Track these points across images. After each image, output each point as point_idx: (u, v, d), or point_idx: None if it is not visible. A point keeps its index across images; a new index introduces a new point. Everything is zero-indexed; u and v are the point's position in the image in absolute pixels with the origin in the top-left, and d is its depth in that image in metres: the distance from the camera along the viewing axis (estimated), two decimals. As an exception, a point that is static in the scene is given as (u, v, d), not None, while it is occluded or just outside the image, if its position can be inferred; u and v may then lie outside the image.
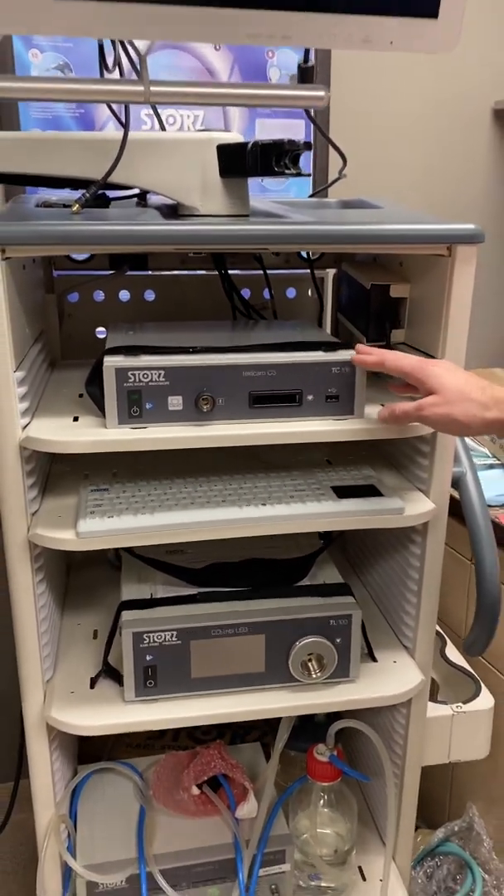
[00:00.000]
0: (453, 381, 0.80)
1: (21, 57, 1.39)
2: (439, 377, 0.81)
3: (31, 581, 0.90)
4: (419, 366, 0.83)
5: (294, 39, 0.77)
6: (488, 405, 0.78)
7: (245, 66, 1.48)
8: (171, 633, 0.92)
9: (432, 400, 0.81)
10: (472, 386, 0.80)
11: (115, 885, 1.02)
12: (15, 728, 1.56)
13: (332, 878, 1.11)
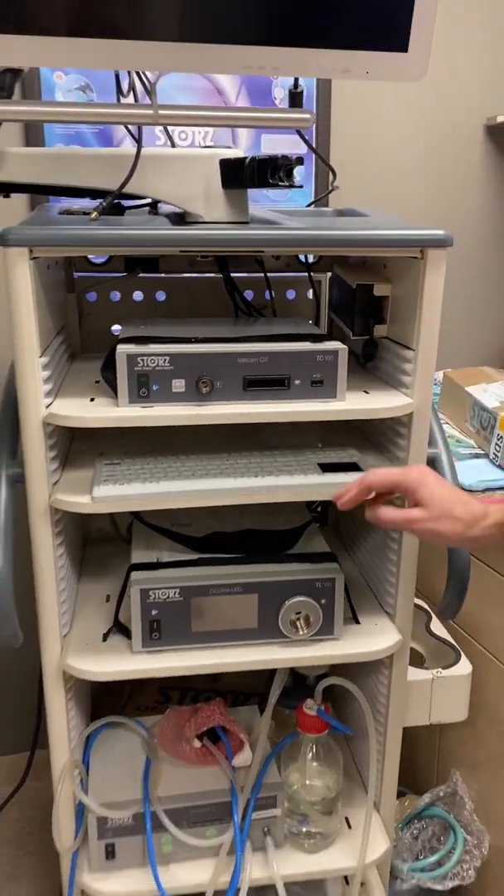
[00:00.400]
0: (439, 496, 0.88)
1: (47, 78, 1.52)
2: (430, 489, 0.88)
3: (51, 543, 1.02)
4: (403, 478, 0.90)
5: (283, 70, 0.89)
6: (470, 524, 0.86)
7: (251, 86, 1.61)
8: (174, 590, 1.04)
9: (419, 515, 0.88)
10: (456, 503, 0.87)
11: (122, 821, 1.14)
12: (32, 700, 1.69)
13: (320, 825, 1.21)
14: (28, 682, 1.85)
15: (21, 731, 1.88)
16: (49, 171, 1.08)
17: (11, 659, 1.83)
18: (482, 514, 0.87)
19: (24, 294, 0.92)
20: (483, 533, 0.87)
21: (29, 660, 1.79)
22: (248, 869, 1.15)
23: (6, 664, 1.84)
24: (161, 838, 1.15)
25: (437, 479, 0.91)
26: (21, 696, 1.87)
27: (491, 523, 0.87)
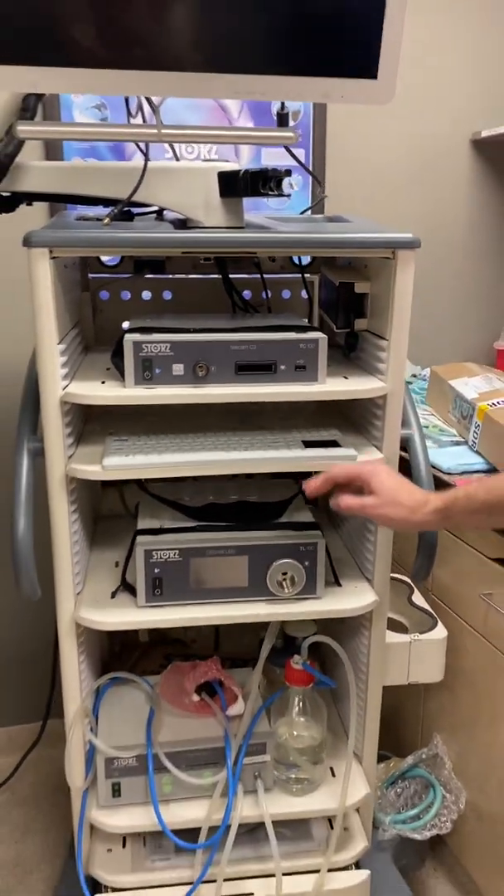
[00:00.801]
0: (389, 486, 1.03)
1: (65, 96, 1.67)
2: (378, 481, 1.04)
3: (66, 508, 1.16)
4: (357, 472, 1.06)
5: (269, 96, 1.03)
6: (414, 509, 1.02)
7: (252, 103, 1.75)
8: (174, 551, 1.17)
9: (372, 501, 1.04)
10: (403, 491, 1.03)
11: (127, 762, 1.27)
12: (45, 673, 1.82)
13: (306, 772, 1.34)
14: (41, 655, 1.98)
15: (33, 702, 2.02)
16: (68, 182, 1.22)
17: (24, 634, 1.97)
18: (424, 501, 1.02)
19: (44, 288, 1.07)
20: (424, 518, 1.02)
21: (41, 632, 1.93)
22: (240, 808, 1.28)
23: (20, 637, 1.98)
24: (162, 779, 1.29)
25: (388, 472, 1.07)
26: (34, 668, 2.00)
27: (431, 509, 1.02)
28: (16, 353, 1.79)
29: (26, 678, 2.02)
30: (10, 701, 2.03)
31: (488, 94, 1.93)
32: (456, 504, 1.00)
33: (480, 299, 2.07)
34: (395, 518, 1.04)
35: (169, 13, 0.94)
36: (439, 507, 1.01)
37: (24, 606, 1.95)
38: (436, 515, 1.02)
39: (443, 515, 1.02)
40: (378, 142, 1.89)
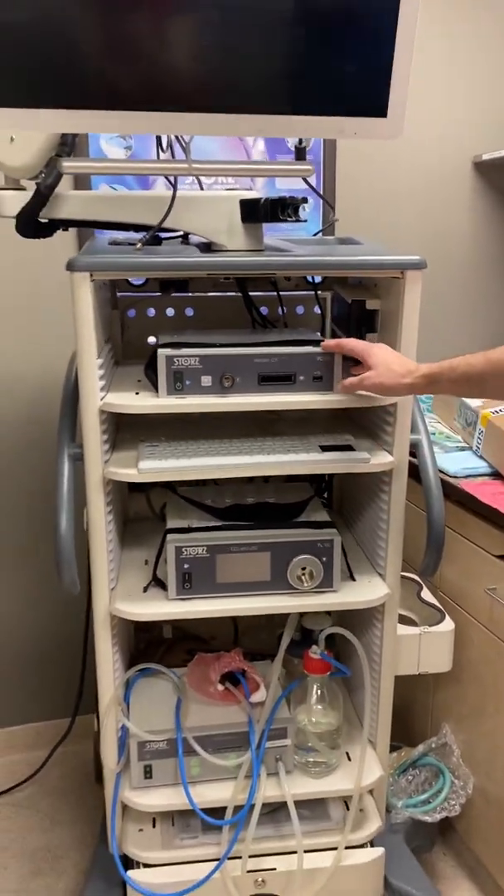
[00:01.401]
0: (383, 358, 1.17)
1: (92, 129, 1.79)
2: (375, 356, 1.18)
3: (103, 510, 1.27)
4: (362, 347, 1.21)
5: (288, 133, 1.14)
6: (404, 375, 1.15)
7: (267, 133, 1.86)
8: (202, 547, 1.28)
9: (369, 373, 1.17)
10: (395, 361, 1.16)
11: (158, 745, 1.37)
12: (73, 672, 1.92)
13: (324, 755, 1.44)
14: (67, 654, 2.08)
15: (58, 699, 2.11)
16: (102, 210, 1.34)
17: (50, 634, 2.07)
18: (415, 368, 1.16)
19: (86, 309, 1.18)
20: (414, 381, 1.15)
21: (67, 633, 2.04)
22: (263, 788, 1.37)
23: (46, 638, 2.08)
24: (190, 761, 1.38)
25: (382, 347, 1.21)
26: (60, 667, 2.10)
27: (420, 374, 1.14)
28: (36, 365, 1.91)
29: (52, 676, 2.12)
30: (38, 698, 2.12)
31: (489, 118, 2.04)
32: (441, 374, 1.12)
33: (483, 314, 2.18)
34: (389, 384, 1.16)
35: (201, 63, 1.06)
36: (426, 373, 1.14)
37: (50, 608, 2.05)
38: (423, 380, 1.14)
39: (429, 381, 1.14)
40: (384, 166, 2.01)
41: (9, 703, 2.10)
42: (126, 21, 1.02)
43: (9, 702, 2.10)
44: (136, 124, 1.09)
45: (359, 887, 1.41)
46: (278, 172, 1.25)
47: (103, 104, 1.08)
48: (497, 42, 2.00)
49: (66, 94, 1.06)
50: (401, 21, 1.08)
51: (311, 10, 1.06)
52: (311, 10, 1.06)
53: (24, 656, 2.08)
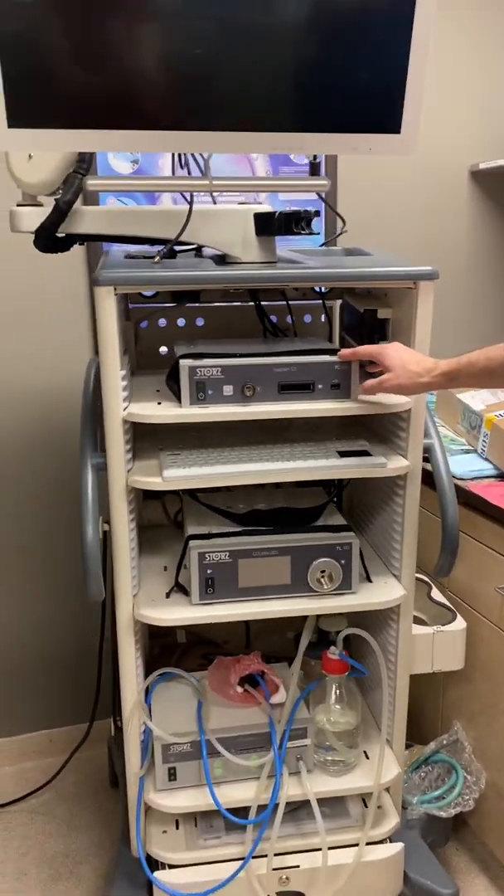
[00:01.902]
0: (399, 359, 1.20)
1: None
2: (391, 357, 1.21)
3: (126, 517, 1.30)
4: (377, 350, 1.24)
5: (307, 150, 1.18)
6: (422, 374, 1.18)
7: (270, 145, 1.90)
8: (224, 553, 1.31)
9: (387, 375, 1.21)
10: (411, 361, 1.20)
11: (182, 748, 1.39)
12: (88, 680, 1.94)
13: (343, 754, 1.47)
14: (79, 662, 2.11)
15: (70, 706, 2.14)
16: (119, 224, 1.37)
17: (63, 643, 2.09)
18: (433, 366, 1.18)
19: (110, 322, 1.21)
20: (432, 380, 1.18)
21: (80, 642, 2.06)
22: (286, 787, 1.40)
23: (59, 646, 2.10)
24: (214, 763, 1.41)
25: (396, 348, 1.23)
26: (73, 675, 2.12)
27: (439, 373, 1.18)
28: (39, 371, 1.93)
29: (64, 684, 2.14)
30: (49, 705, 2.14)
31: (485, 128, 2.09)
32: (459, 370, 1.16)
33: (482, 319, 2.23)
34: (408, 384, 1.19)
35: (218, 83, 1.09)
36: (446, 370, 1.17)
37: (59, 616, 2.07)
38: (442, 378, 1.18)
39: (448, 378, 1.18)
40: (384, 176, 2.05)
41: (21, 711, 2.12)
42: (144, 44, 1.05)
43: (21, 710, 2.12)
44: (162, 143, 1.12)
45: (380, 882, 1.45)
46: (295, 188, 1.29)
47: (137, 125, 1.11)
48: (494, 53, 2.06)
49: (107, 114, 1.09)
50: (414, 39, 1.12)
51: (327, 29, 1.10)
52: (326, 29, 1.09)
53: (34, 665, 2.10)
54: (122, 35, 1.04)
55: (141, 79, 1.08)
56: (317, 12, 1.08)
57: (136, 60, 1.07)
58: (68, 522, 2.02)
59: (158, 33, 1.06)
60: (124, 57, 1.06)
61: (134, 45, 1.06)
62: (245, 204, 1.39)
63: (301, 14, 1.08)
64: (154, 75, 1.08)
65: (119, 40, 1.05)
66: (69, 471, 1.99)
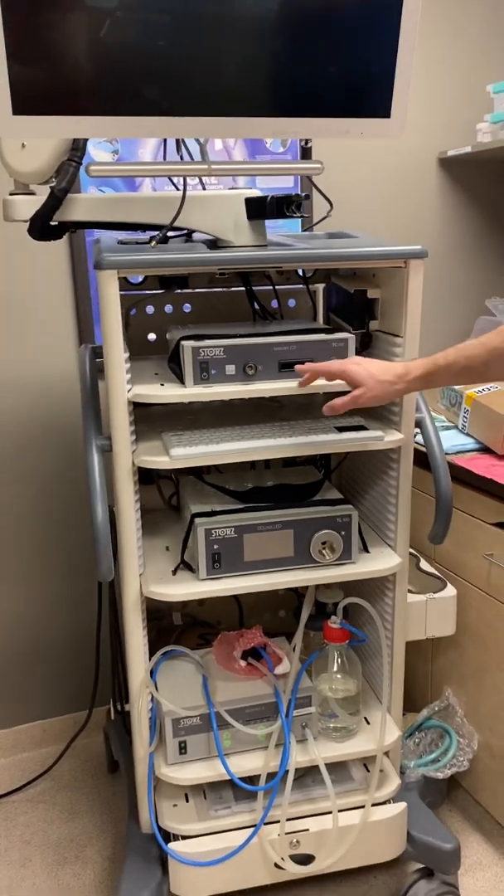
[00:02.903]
0: (366, 372, 1.19)
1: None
2: (357, 374, 1.19)
3: (132, 497, 1.32)
4: (340, 369, 1.21)
5: (301, 134, 1.22)
6: (394, 382, 1.19)
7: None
8: (230, 529, 1.34)
9: (359, 392, 1.19)
10: (379, 371, 1.19)
11: (192, 721, 1.43)
12: (74, 669, 1.97)
13: (346, 720, 1.52)
14: (70, 654, 2.12)
15: (64, 696, 2.15)
16: (113, 211, 1.39)
17: (56, 632, 2.10)
18: (404, 372, 1.19)
19: (113, 306, 1.23)
20: (408, 386, 1.19)
21: (71, 632, 2.08)
22: (294, 754, 1.45)
23: (52, 634, 2.11)
24: (223, 734, 1.45)
25: (358, 362, 1.21)
26: (65, 664, 2.14)
27: (413, 377, 1.19)
28: (28, 360, 1.94)
29: (57, 673, 2.15)
30: (42, 696, 2.15)
31: (453, 116, 2.16)
32: (436, 371, 1.18)
33: (451, 302, 2.30)
34: (383, 395, 1.19)
35: (214, 70, 1.13)
36: (420, 375, 1.19)
37: (50, 608, 2.08)
38: (419, 382, 1.19)
39: (425, 381, 1.19)
40: (356, 162, 2.10)
41: (14, 702, 2.13)
42: (139, 32, 1.08)
43: (14, 701, 2.13)
44: (161, 129, 1.15)
45: (385, 841, 1.50)
46: (290, 171, 1.33)
47: (135, 111, 1.14)
48: (462, 44, 2.12)
49: (106, 102, 1.12)
50: (403, 24, 1.17)
51: (319, 15, 1.14)
52: (318, 15, 1.14)
53: (27, 656, 2.11)
54: (116, 19, 1.07)
55: (139, 65, 1.11)
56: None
57: (134, 46, 1.10)
58: (62, 510, 2.03)
59: (153, 18, 1.08)
60: (121, 42, 1.09)
61: (131, 31, 1.09)
62: (235, 189, 1.42)
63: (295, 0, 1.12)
64: (152, 61, 1.11)
65: (114, 25, 1.07)
66: (62, 458, 2.00)
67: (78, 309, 1.93)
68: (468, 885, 1.65)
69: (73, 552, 2.07)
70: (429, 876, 1.55)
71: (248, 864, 1.43)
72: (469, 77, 2.15)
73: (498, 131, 2.00)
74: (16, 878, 1.72)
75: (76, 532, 2.06)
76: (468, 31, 2.13)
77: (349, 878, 1.68)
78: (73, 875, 1.73)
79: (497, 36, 2.16)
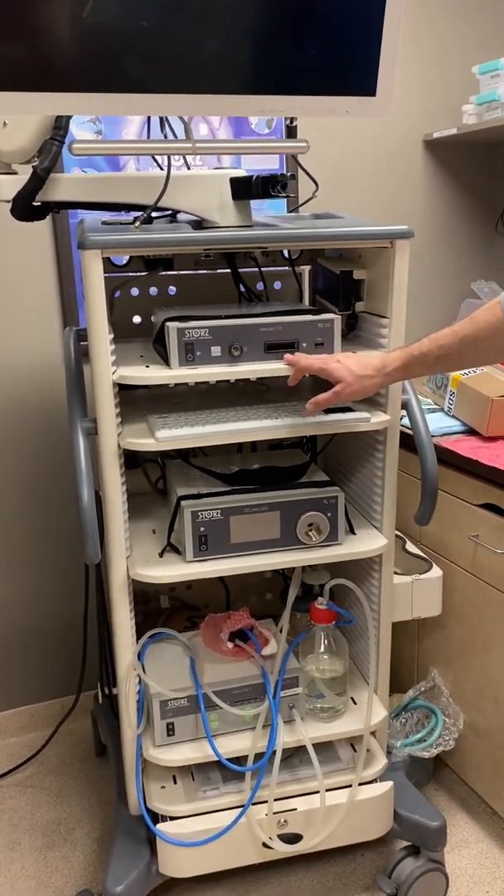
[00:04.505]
0: (346, 369, 1.22)
1: (61, 113, 1.81)
2: (338, 370, 1.23)
3: (119, 480, 1.32)
4: (324, 365, 1.24)
5: (287, 112, 1.20)
6: (373, 375, 1.23)
7: (231, 114, 1.92)
8: (216, 511, 1.34)
9: (339, 387, 1.23)
10: (358, 366, 1.23)
11: (179, 703, 1.43)
12: (60, 654, 1.96)
13: (333, 701, 1.53)
14: (60, 636, 2.12)
15: (49, 681, 2.15)
16: (97, 191, 1.37)
17: (41, 617, 2.10)
18: (381, 365, 1.23)
19: (98, 287, 1.22)
20: (385, 379, 1.24)
21: (56, 618, 2.07)
22: (281, 734, 1.46)
23: (37, 619, 2.10)
24: (210, 716, 1.45)
25: (338, 358, 1.25)
26: (51, 649, 2.13)
27: (391, 369, 1.23)
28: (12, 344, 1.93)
29: (43, 659, 2.14)
30: (28, 681, 2.15)
31: (438, 98, 2.15)
32: (413, 362, 1.21)
33: (437, 284, 2.30)
34: (362, 389, 1.23)
35: (205, 52, 1.11)
36: (398, 366, 1.23)
37: (34, 593, 2.08)
38: (396, 373, 1.24)
39: (402, 373, 1.24)
40: (341, 144, 2.09)
41: (1, 688, 2.12)
42: (123, 10, 1.06)
43: (1, 687, 2.12)
44: (146, 106, 1.13)
45: (373, 819, 1.52)
46: (276, 150, 1.32)
47: (119, 88, 1.12)
48: (447, 26, 2.11)
49: (87, 78, 1.10)
50: (388, 4, 1.15)
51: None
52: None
53: (13, 641, 2.10)
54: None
55: (123, 43, 1.09)
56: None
57: (117, 24, 1.08)
58: (48, 494, 2.02)
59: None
60: (104, 21, 1.07)
61: (114, 9, 1.07)
62: (220, 168, 1.41)
63: (280, -23, 1.10)
64: (135, 39, 1.10)
65: (97, 3, 1.06)
66: (48, 441, 1.99)
67: (62, 291, 1.91)
68: (454, 862, 1.67)
69: (59, 536, 2.06)
70: (415, 854, 1.57)
71: (237, 843, 1.44)
72: (454, 58, 2.14)
73: (483, 113, 2.00)
74: (4, 861, 1.73)
75: (62, 516, 2.05)
76: (454, 13, 2.11)
77: (337, 856, 1.70)
78: (61, 857, 1.74)
79: (483, 17, 2.15)
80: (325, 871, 1.67)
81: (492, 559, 1.59)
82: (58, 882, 1.67)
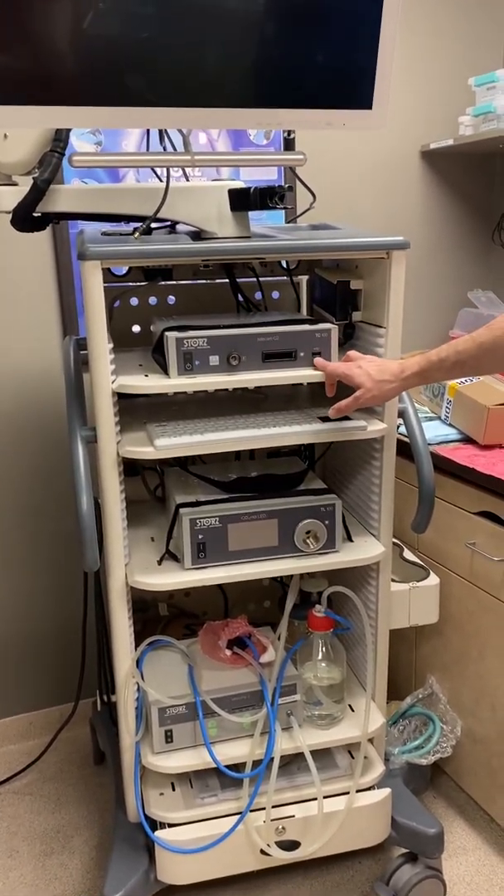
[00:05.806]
0: (367, 375, 1.25)
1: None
2: (359, 376, 1.26)
3: (118, 488, 1.33)
4: (346, 371, 1.28)
5: (284, 125, 1.22)
6: (391, 380, 1.25)
7: (230, 126, 1.94)
8: (214, 518, 1.35)
9: (360, 392, 1.26)
10: (377, 371, 1.25)
11: (177, 710, 1.44)
12: (58, 663, 1.97)
13: (330, 708, 1.53)
14: (58, 645, 2.12)
15: (46, 689, 2.15)
16: (97, 202, 1.39)
17: (39, 626, 2.11)
18: (400, 371, 1.25)
19: (97, 296, 1.24)
20: (405, 384, 1.26)
21: (54, 625, 2.08)
22: (279, 741, 1.46)
23: (35, 627, 2.11)
24: (208, 723, 1.46)
25: (360, 365, 1.28)
26: (49, 658, 2.14)
27: (409, 374, 1.24)
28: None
29: (41, 667, 2.15)
30: (27, 689, 2.15)
31: (436, 109, 2.17)
32: (430, 368, 1.23)
33: (434, 294, 2.32)
34: (381, 394, 1.26)
35: (205, 65, 1.13)
36: (416, 371, 1.24)
37: (32, 602, 2.08)
38: (414, 378, 1.25)
39: (420, 378, 1.25)
40: (339, 155, 2.11)
41: (1, 696, 2.13)
42: (123, 23, 1.08)
43: (1, 695, 2.13)
44: (148, 120, 1.15)
45: (370, 826, 1.52)
46: (273, 162, 1.33)
47: (124, 102, 1.14)
48: (444, 37, 2.13)
49: (94, 92, 1.11)
50: (385, 15, 1.17)
51: (301, 6, 1.14)
52: (300, 6, 1.14)
53: (12, 649, 2.11)
54: (99, 11, 1.07)
55: (123, 56, 1.11)
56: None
57: (117, 37, 1.10)
58: (47, 502, 2.03)
59: (137, 9, 1.08)
60: (104, 34, 1.09)
61: (114, 22, 1.09)
62: (219, 180, 1.43)
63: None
64: (135, 52, 1.11)
65: (97, 16, 1.07)
66: (47, 450, 2.00)
67: (62, 301, 1.93)
68: (451, 869, 1.67)
69: (58, 544, 2.07)
70: (413, 861, 1.57)
71: (235, 850, 1.45)
72: (451, 70, 2.17)
73: (479, 124, 2.02)
74: (3, 869, 1.73)
75: (61, 524, 2.06)
76: (450, 25, 2.14)
77: (334, 863, 1.70)
78: (60, 865, 1.74)
79: (479, 29, 2.17)
80: (323, 878, 1.67)
81: (488, 567, 1.60)
82: (56, 889, 1.67)
